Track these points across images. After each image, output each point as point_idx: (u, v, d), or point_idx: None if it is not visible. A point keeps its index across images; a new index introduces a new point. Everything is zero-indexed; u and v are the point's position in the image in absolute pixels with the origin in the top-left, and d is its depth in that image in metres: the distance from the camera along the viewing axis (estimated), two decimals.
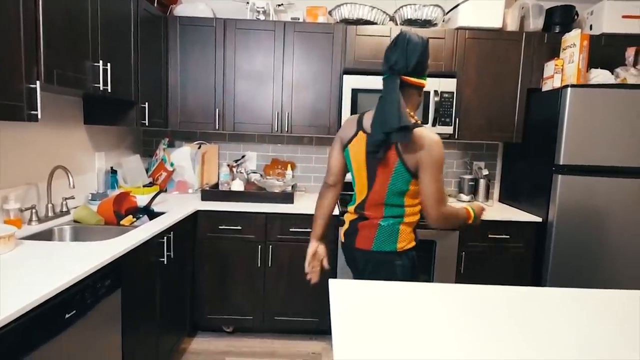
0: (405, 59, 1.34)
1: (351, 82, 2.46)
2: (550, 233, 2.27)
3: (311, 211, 2.36)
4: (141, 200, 2.22)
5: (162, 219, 1.96)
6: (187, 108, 2.57)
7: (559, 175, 2.21)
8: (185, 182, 2.72)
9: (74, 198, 2.05)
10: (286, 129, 2.59)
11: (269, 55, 2.53)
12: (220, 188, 2.62)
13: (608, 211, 2.22)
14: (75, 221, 1.90)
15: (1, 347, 0.92)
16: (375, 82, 2.45)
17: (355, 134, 1.46)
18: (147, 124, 2.27)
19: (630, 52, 2.41)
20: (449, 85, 2.46)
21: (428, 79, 2.43)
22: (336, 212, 2.27)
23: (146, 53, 2.24)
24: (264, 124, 2.59)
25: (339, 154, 1.56)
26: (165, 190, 2.71)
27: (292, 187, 2.80)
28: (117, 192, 2.21)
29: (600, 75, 2.31)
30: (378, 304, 1.06)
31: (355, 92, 2.46)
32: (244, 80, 2.55)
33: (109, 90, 1.84)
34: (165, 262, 1.89)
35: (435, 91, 2.45)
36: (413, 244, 1.48)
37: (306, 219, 2.35)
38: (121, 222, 1.95)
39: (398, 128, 1.28)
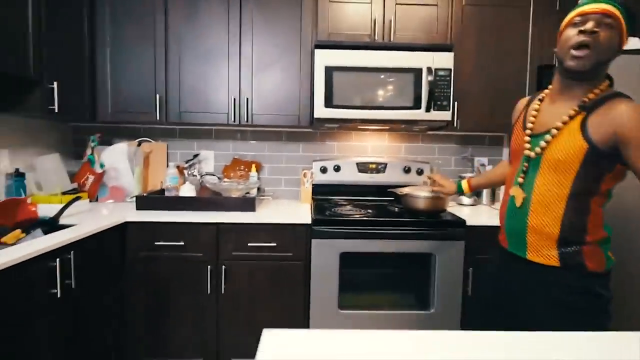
0: None
1: (325, 58, 1.97)
2: None
3: (278, 220, 1.86)
4: (51, 211, 1.67)
5: (60, 234, 1.41)
6: (120, 94, 2.05)
7: None
8: (121, 188, 2.18)
9: None
10: (245, 120, 2.08)
11: (222, 29, 2.04)
12: (167, 194, 2.08)
13: (634, 206, 1.77)
14: None
15: None
16: (355, 58, 1.97)
17: None
18: (57, 110, 1.74)
19: None
20: (444, 60, 1.99)
21: (417, 53, 2.01)
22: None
23: (56, 19, 1.73)
24: (218, 113, 2.08)
25: None
26: (97, 199, 2.16)
27: (257, 190, 2.29)
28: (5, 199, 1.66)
29: (630, 43, 1.87)
30: None
31: (330, 71, 1.98)
32: (192, 60, 2.05)
33: None
34: (59, 295, 1.33)
35: (429, 68, 1.98)
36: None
37: (270, 231, 1.82)
38: (1, 240, 1.40)
39: None
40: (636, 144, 0.95)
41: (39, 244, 1.27)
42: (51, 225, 1.59)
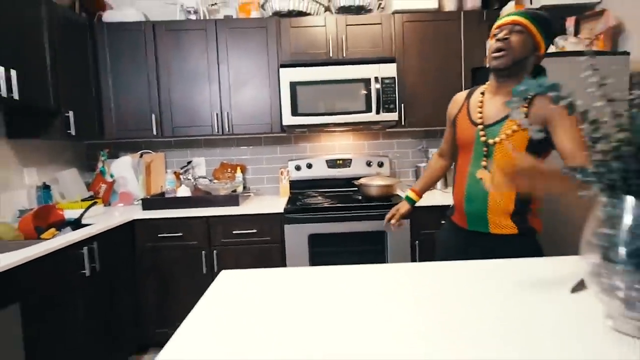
0: None
1: (289, 75, 2.38)
2: None
3: (256, 211, 2.26)
4: (74, 214, 2.11)
5: (84, 230, 1.84)
6: (122, 115, 2.47)
7: None
8: (129, 194, 2.61)
9: None
10: (227, 130, 2.50)
11: (202, 55, 2.46)
12: (166, 196, 2.51)
13: None
14: None
15: None
16: (314, 74, 2.37)
17: None
18: (73, 134, 2.17)
19: (570, 22, 2.36)
20: (389, 70, 2.39)
21: (366, 65, 2.37)
22: None
23: (68, 59, 2.16)
24: (203, 125, 2.50)
25: None
26: (109, 204, 2.60)
27: (243, 188, 2.71)
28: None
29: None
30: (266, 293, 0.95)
31: (294, 85, 2.38)
32: (179, 83, 2.47)
33: (17, 98, 1.74)
34: (88, 275, 1.77)
35: (376, 78, 2.37)
36: None
37: (250, 220, 2.24)
38: (41, 236, 1.84)
39: None
40: (560, 130, 1.15)
41: (71, 236, 1.70)
42: (76, 224, 2.02)
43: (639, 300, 0.66)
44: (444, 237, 1.46)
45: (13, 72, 1.73)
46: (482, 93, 1.33)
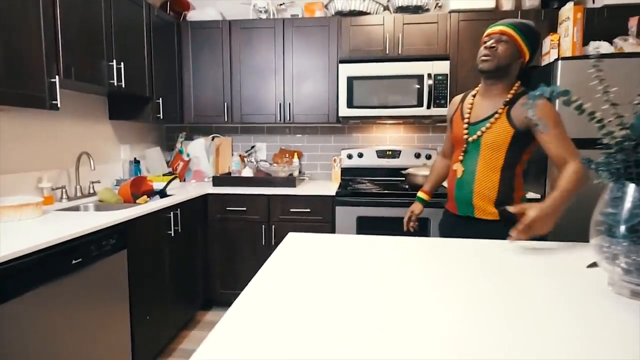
0: None
1: (346, 70, 2.59)
2: None
3: (311, 193, 2.53)
4: (159, 186, 2.50)
5: (170, 198, 2.21)
6: (199, 103, 2.84)
7: None
8: (201, 172, 2.99)
9: (99, 182, 2.36)
10: (288, 119, 2.77)
11: (270, 51, 2.74)
12: (233, 176, 2.84)
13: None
14: (100, 201, 2.20)
15: (16, 277, 1.17)
16: (370, 69, 2.57)
17: None
18: (161, 118, 2.55)
19: (633, 22, 2.34)
20: (442, 67, 2.52)
21: (420, 62, 2.53)
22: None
23: (160, 55, 2.53)
24: (268, 114, 2.79)
25: None
26: (184, 180, 2.99)
27: (299, 173, 2.98)
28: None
29: (598, 47, 2.27)
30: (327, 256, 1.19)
31: (350, 80, 2.60)
32: (249, 76, 2.78)
33: (124, 87, 2.13)
34: (172, 235, 2.13)
35: (429, 74, 2.52)
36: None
37: (305, 200, 2.51)
38: (137, 201, 2.23)
39: None
40: (542, 135, 1.31)
41: (162, 202, 2.07)
42: (161, 194, 2.40)
43: (635, 268, 0.82)
44: (440, 223, 1.66)
45: (121, 65, 2.11)
46: (474, 95, 1.50)
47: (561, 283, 0.91)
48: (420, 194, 1.78)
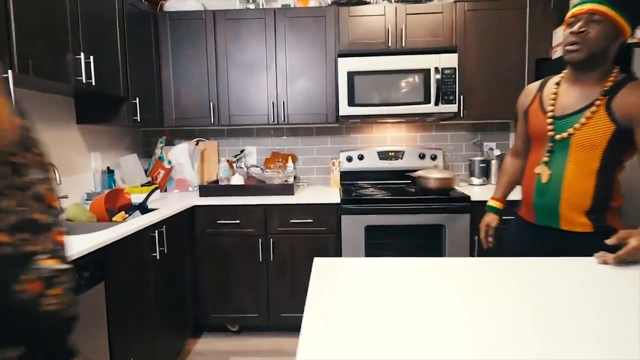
0: None
1: (346, 65, 2.36)
2: None
3: (312, 201, 2.27)
4: (137, 198, 2.17)
5: (153, 214, 1.90)
6: (181, 103, 2.52)
7: None
8: (184, 180, 2.67)
9: (67, 197, 2.02)
10: (282, 119, 2.51)
11: (260, 44, 2.47)
12: (220, 184, 2.55)
13: (630, 187, 2.04)
14: (68, 220, 1.86)
15: None
16: (372, 63, 2.34)
17: None
18: (139, 121, 2.23)
19: None
20: (450, 60, 2.33)
21: (426, 55, 2.32)
22: None
23: (135, 48, 2.21)
24: (259, 115, 2.52)
25: None
26: (166, 190, 2.67)
27: (294, 178, 2.72)
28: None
29: None
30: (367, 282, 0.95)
31: (351, 75, 2.36)
32: (237, 72, 2.49)
33: (94, 84, 1.80)
34: (157, 257, 1.82)
35: (436, 68, 2.32)
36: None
37: (305, 209, 2.25)
38: (113, 219, 1.90)
39: None
40: None
41: (145, 219, 1.75)
42: (142, 208, 2.08)
43: None
44: (509, 233, 1.43)
45: (90, 59, 1.78)
46: (557, 83, 1.26)
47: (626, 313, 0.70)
48: (492, 202, 1.53)
